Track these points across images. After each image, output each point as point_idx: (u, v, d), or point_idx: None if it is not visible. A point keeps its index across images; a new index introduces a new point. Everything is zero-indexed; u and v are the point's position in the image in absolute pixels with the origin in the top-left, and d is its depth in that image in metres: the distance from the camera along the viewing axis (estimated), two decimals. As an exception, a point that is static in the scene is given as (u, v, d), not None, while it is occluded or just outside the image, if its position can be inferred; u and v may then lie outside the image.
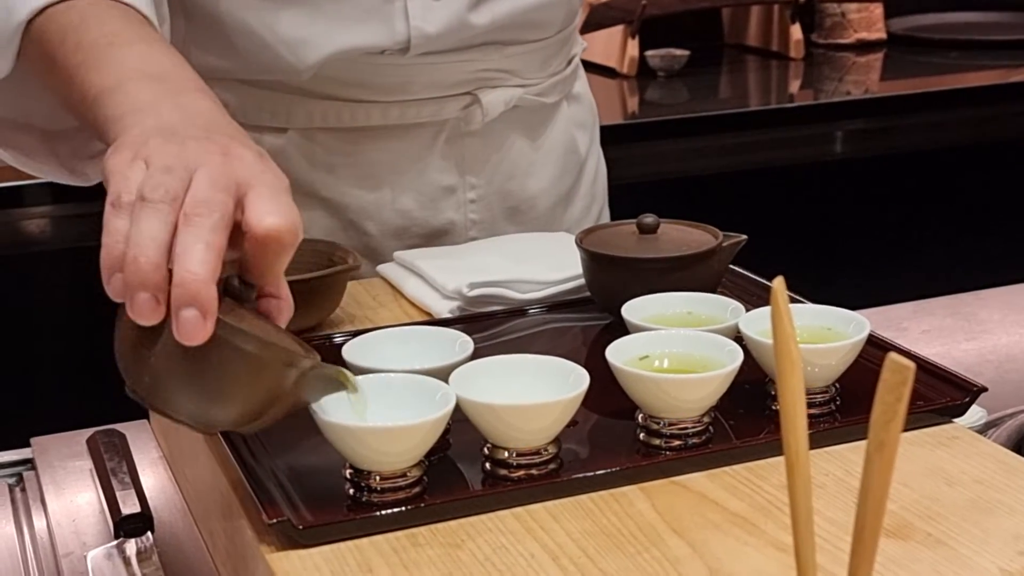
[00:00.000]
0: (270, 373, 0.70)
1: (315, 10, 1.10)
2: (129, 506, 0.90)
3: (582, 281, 1.01)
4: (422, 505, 0.72)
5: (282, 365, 0.70)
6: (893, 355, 0.46)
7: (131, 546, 0.88)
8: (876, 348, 0.86)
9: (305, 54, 1.12)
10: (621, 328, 0.89)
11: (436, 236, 1.21)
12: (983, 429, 0.96)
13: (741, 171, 2.25)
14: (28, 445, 1.07)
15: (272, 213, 0.70)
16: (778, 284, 0.52)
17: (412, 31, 1.12)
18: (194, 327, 0.66)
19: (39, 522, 0.97)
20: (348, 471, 0.74)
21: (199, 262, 0.67)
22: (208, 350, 0.67)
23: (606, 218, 1.37)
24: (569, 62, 1.27)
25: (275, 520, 0.70)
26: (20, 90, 0.99)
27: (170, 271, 0.67)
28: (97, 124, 0.82)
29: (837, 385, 0.83)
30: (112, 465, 0.96)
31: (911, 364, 0.46)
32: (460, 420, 0.76)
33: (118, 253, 0.68)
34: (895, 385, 0.47)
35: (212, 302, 0.66)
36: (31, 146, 1.06)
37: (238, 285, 0.72)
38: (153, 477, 0.99)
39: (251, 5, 1.10)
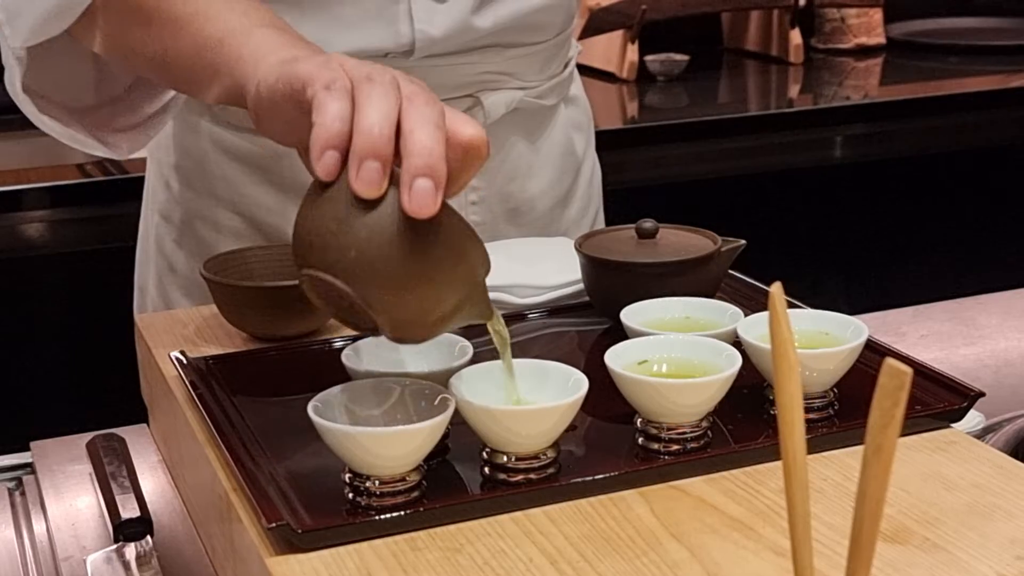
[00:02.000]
0: (469, 263, 0.72)
1: (320, 13, 1.10)
2: (128, 510, 0.90)
3: (581, 286, 1.02)
4: (421, 509, 0.72)
5: (480, 257, 0.72)
6: (890, 360, 0.47)
7: (130, 550, 0.88)
8: (874, 353, 0.86)
9: None
10: (620, 333, 0.89)
11: None
12: (981, 434, 0.97)
13: (740, 176, 2.25)
14: (28, 449, 1.07)
15: (470, 125, 0.74)
16: (775, 290, 0.52)
17: (417, 34, 1.12)
18: (427, 197, 0.68)
19: (39, 526, 0.97)
20: (347, 475, 0.74)
21: (433, 138, 0.69)
22: (421, 228, 0.69)
23: (601, 220, 1.37)
24: (566, 65, 1.28)
25: (274, 524, 0.70)
26: (48, 62, 1.00)
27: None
28: (218, 66, 0.85)
29: (835, 390, 0.83)
30: (112, 469, 0.96)
31: (908, 369, 0.46)
32: (459, 424, 0.76)
33: (336, 131, 0.70)
34: (892, 390, 0.47)
35: (444, 176, 0.69)
36: (61, 115, 1.08)
37: None
38: (152, 481, 0.99)
39: None
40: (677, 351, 0.83)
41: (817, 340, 0.85)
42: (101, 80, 1.10)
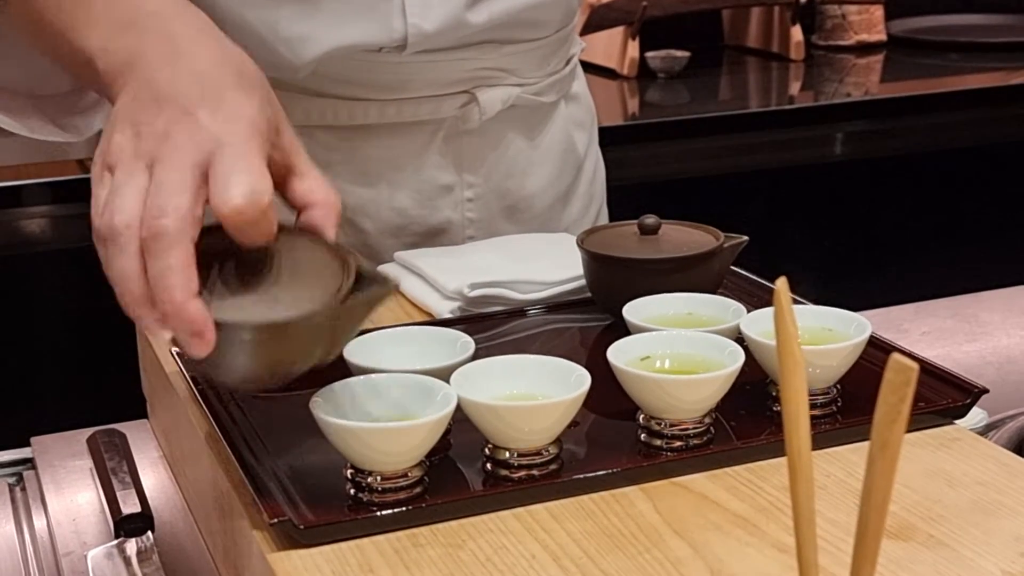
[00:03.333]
0: (296, 333, 0.71)
1: (313, 7, 1.10)
2: (129, 505, 0.90)
3: (583, 282, 1.01)
4: (423, 505, 0.72)
5: (309, 323, 0.71)
6: (896, 356, 0.46)
7: (131, 546, 0.88)
8: (877, 349, 0.86)
9: (303, 51, 1.12)
10: (622, 329, 0.89)
11: (433, 234, 1.21)
12: (984, 431, 0.96)
13: (742, 172, 2.25)
14: (28, 444, 1.07)
15: (230, 192, 0.70)
16: (781, 284, 0.52)
17: (409, 28, 1.12)
18: (195, 344, 0.69)
19: (39, 521, 0.97)
20: (349, 471, 0.74)
21: (171, 288, 0.69)
22: (222, 343, 0.69)
23: (604, 218, 1.37)
24: (567, 62, 1.27)
25: (276, 520, 0.70)
26: (22, 58, 0.99)
27: None
28: (96, 87, 0.83)
29: (838, 386, 0.83)
30: (112, 465, 0.96)
31: (914, 365, 0.46)
32: (461, 420, 0.76)
33: (128, 293, 0.71)
34: (898, 386, 0.47)
35: (198, 319, 0.68)
36: (18, 107, 1.07)
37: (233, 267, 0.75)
38: (153, 476, 0.99)
39: (249, 2, 1.10)
40: (680, 347, 0.83)
41: (820, 336, 0.85)
42: None
